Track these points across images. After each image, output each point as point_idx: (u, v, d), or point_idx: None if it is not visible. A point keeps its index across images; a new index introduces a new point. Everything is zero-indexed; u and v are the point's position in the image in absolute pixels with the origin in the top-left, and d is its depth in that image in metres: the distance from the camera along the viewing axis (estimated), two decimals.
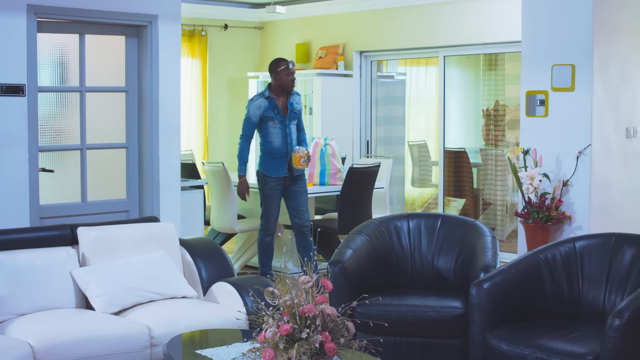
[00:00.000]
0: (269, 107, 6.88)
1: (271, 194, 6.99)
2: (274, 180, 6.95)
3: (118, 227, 5.08)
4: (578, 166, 6.00)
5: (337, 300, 4.55)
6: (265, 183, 6.98)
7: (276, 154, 6.93)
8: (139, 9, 6.35)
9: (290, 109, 6.96)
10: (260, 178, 7.02)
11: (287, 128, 6.93)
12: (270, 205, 7.01)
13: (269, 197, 7.00)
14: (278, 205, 7.06)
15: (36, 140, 5.93)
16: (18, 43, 5.77)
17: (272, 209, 7.02)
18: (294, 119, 7.01)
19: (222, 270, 5.12)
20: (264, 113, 6.88)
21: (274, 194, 6.99)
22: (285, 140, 6.93)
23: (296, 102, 7.03)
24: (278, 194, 7.01)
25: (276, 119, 6.90)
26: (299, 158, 6.90)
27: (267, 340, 3.32)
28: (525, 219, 6.08)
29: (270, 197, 7.00)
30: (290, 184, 7.03)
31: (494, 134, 9.45)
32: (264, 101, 6.89)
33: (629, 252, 4.46)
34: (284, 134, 6.92)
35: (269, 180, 6.95)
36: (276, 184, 6.97)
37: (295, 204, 7.06)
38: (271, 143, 6.93)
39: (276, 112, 6.89)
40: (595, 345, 3.93)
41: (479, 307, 4.36)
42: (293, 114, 6.99)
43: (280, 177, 6.95)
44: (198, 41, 10.34)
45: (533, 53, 6.25)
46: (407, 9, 9.23)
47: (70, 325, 4.30)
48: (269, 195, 6.99)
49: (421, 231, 5.32)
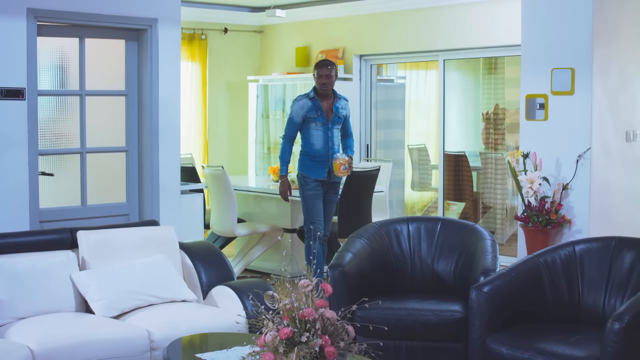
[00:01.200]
0: (313, 108, 6.80)
1: (313, 195, 6.83)
2: (314, 181, 6.82)
3: (118, 231, 5.08)
4: (578, 170, 6.00)
5: (337, 303, 4.55)
6: (305, 184, 6.85)
7: (316, 157, 6.82)
8: (139, 13, 6.35)
9: (334, 113, 6.85)
10: (300, 180, 6.90)
11: (329, 131, 6.83)
12: (312, 206, 6.83)
13: (310, 198, 6.83)
14: (321, 208, 6.87)
15: (36, 143, 5.93)
16: (18, 47, 5.78)
17: (316, 211, 6.83)
18: (337, 124, 6.89)
19: (221, 274, 5.12)
20: (307, 114, 6.78)
21: (316, 194, 6.84)
22: (327, 144, 6.81)
23: (342, 107, 6.93)
24: (319, 195, 6.85)
25: (319, 121, 6.80)
26: (339, 165, 6.78)
27: (267, 344, 3.32)
28: (525, 222, 6.07)
29: (311, 197, 6.83)
30: (326, 191, 6.91)
31: (494, 137, 9.46)
32: (307, 102, 6.81)
33: (629, 255, 4.46)
34: (326, 137, 6.81)
35: (309, 181, 6.83)
36: (316, 185, 6.83)
37: (325, 214, 6.92)
38: (312, 145, 6.83)
39: (319, 114, 6.79)
40: (595, 348, 3.93)
41: (479, 311, 4.36)
42: (337, 118, 6.87)
43: (319, 180, 6.83)
44: (198, 45, 10.34)
45: (533, 57, 6.26)
46: (407, 13, 9.24)
47: (70, 329, 4.29)
48: (310, 196, 6.83)
49: (421, 235, 5.32)
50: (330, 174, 6.84)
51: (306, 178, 6.84)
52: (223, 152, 10.70)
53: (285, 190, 6.93)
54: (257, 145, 10.52)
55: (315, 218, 6.82)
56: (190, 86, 10.34)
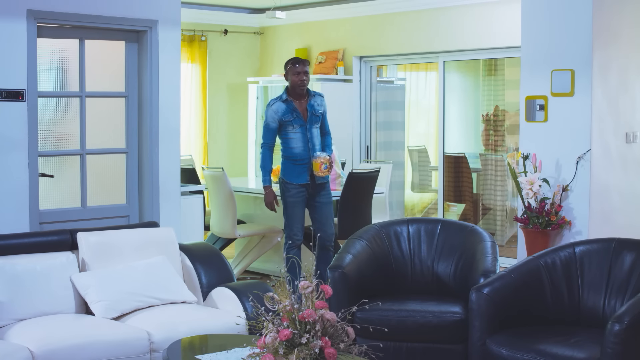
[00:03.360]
0: (287, 110, 6.54)
1: (293, 202, 6.61)
2: (296, 187, 6.60)
3: (118, 232, 5.08)
4: (578, 171, 6.00)
5: (337, 305, 4.55)
6: (286, 190, 6.63)
7: (297, 160, 6.59)
8: (139, 14, 6.35)
9: (310, 112, 6.58)
10: (282, 185, 6.68)
11: (308, 132, 6.58)
12: (292, 213, 6.62)
13: (291, 205, 6.62)
14: (302, 214, 6.66)
15: (36, 145, 5.92)
16: (18, 48, 5.78)
17: (295, 217, 6.62)
18: (316, 122, 6.63)
19: (221, 276, 5.12)
20: (282, 117, 6.52)
21: (297, 201, 6.61)
22: (307, 145, 6.57)
23: (317, 103, 6.64)
24: (301, 202, 6.63)
25: (296, 123, 6.54)
26: (320, 164, 6.53)
27: (267, 346, 3.31)
28: (525, 224, 6.07)
29: (292, 205, 6.62)
30: (313, 194, 6.66)
31: (494, 139, 9.46)
32: (281, 105, 6.55)
33: (629, 257, 4.46)
34: (305, 139, 6.57)
35: (291, 187, 6.60)
36: (298, 192, 6.61)
37: (319, 216, 6.69)
38: (292, 149, 6.59)
39: (295, 116, 6.54)
40: (596, 350, 3.93)
41: (479, 312, 4.36)
42: (315, 117, 6.61)
43: (303, 184, 6.60)
44: (198, 46, 10.34)
45: (533, 58, 6.26)
46: (407, 14, 9.24)
47: (70, 331, 4.29)
48: (290, 203, 6.62)
49: (421, 236, 5.32)
50: (314, 176, 6.60)
51: (288, 184, 6.63)
52: (223, 154, 10.71)
53: (271, 201, 6.69)
54: (257, 146, 10.51)
55: (294, 225, 6.61)
56: (190, 88, 10.34)
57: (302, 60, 6.60)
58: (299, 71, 6.53)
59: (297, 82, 6.53)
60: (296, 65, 6.55)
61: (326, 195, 6.71)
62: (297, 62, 6.57)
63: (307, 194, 6.64)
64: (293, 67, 6.55)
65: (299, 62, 6.57)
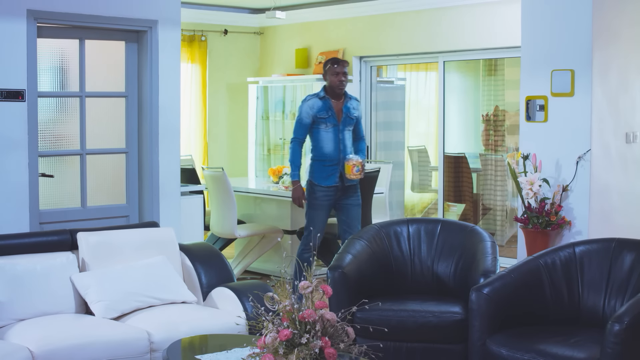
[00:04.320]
0: (323, 108, 6.42)
1: (318, 205, 6.44)
2: (324, 189, 6.43)
3: (118, 232, 5.08)
4: (578, 171, 6.00)
5: (337, 305, 4.55)
6: (313, 192, 6.46)
7: (327, 161, 6.43)
8: (139, 15, 6.35)
9: (345, 114, 6.47)
10: (309, 187, 6.50)
11: (340, 133, 6.44)
12: (315, 216, 6.45)
13: (315, 208, 6.45)
14: (324, 219, 6.48)
15: (36, 145, 5.93)
16: (18, 48, 5.78)
17: (317, 221, 6.44)
18: (349, 125, 6.50)
19: (221, 276, 5.12)
20: (317, 114, 6.40)
21: (322, 204, 6.45)
22: (338, 146, 6.43)
23: (354, 107, 6.53)
24: (326, 206, 6.47)
25: (329, 122, 6.42)
26: (352, 167, 6.34)
27: (267, 346, 3.32)
28: (525, 224, 6.07)
29: (316, 207, 6.45)
30: (342, 196, 6.49)
31: (494, 139, 9.46)
32: (317, 101, 6.44)
33: (629, 257, 4.46)
34: (337, 140, 6.43)
35: (318, 190, 6.43)
36: (325, 194, 6.44)
37: (348, 218, 6.54)
38: (322, 148, 6.45)
39: (330, 115, 6.42)
40: (595, 350, 3.93)
41: (479, 313, 4.36)
42: (349, 119, 6.48)
43: (331, 186, 6.44)
44: (198, 46, 10.35)
45: (533, 58, 6.26)
46: (407, 15, 9.24)
47: (70, 331, 4.29)
48: (315, 205, 6.45)
49: (421, 236, 5.32)
50: (343, 178, 6.44)
51: (315, 186, 6.46)
52: (223, 154, 10.71)
53: (298, 196, 6.53)
54: (257, 146, 10.52)
55: (315, 228, 6.43)
56: (190, 88, 10.35)
57: (341, 61, 6.50)
58: (338, 71, 6.44)
59: (335, 83, 6.45)
60: (335, 66, 6.45)
61: (355, 198, 6.57)
62: (336, 62, 6.48)
63: (334, 197, 6.49)
64: (332, 68, 6.46)
65: (338, 63, 6.47)
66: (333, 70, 6.45)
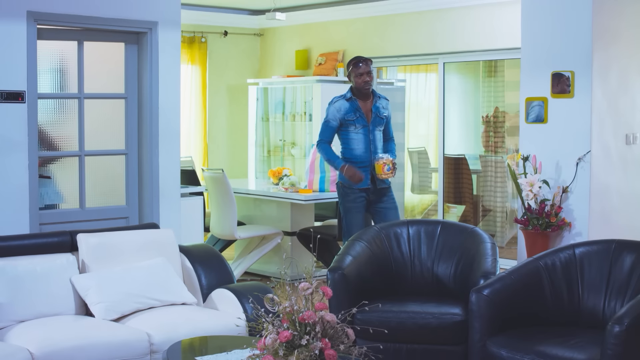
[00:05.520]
0: (351, 109, 6.23)
1: (353, 207, 6.22)
2: (356, 192, 6.21)
3: (118, 234, 5.08)
4: (578, 173, 6.00)
5: (337, 306, 4.55)
6: (345, 195, 6.24)
7: (358, 163, 6.21)
8: (139, 16, 6.35)
9: (375, 114, 6.27)
10: (340, 191, 6.30)
11: (370, 134, 6.25)
12: (352, 220, 6.21)
13: (350, 211, 6.24)
14: (361, 222, 6.23)
15: (36, 146, 5.93)
16: (18, 50, 5.78)
17: (355, 225, 6.17)
18: (379, 125, 6.29)
19: (221, 277, 5.12)
20: (344, 116, 6.21)
21: (356, 207, 6.22)
22: (369, 147, 6.23)
23: (383, 106, 6.33)
24: (361, 208, 6.24)
25: (358, 124, 6.23)
26: (383, 165, 6.15)
27: (267, 347, 3.31)
28: (525, 225, 6.07)
29: (351, 210, 6.23)
30: (375, 199, 6.29)
31: (494, 140, 9.46)
32: (345, 103, 6.24)
33: (629, 258, 4.46)
34: (367, 141, 6.24)
35: (350, 193, 6.22)
36: (358, 197, 6.22)
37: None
38: (352, 150, 6.25)
39: (358, 116, 6.23)
40: (595, 351, 3.93)
41: (479, 314, 4.36)
42: (378, 119, 6.29)
43: (363, 189, 6.23)
44: (198, 48, 10.35)
45: (532, 59, 6.25)
46: (407, 16, 9.25)
47: (69, 332, 4.29)
48: (350, 208, 6.23)
49: (421, 238, 5.32)
50: (375, 181, 6.25)
51: (347, 188, 6.25)
52: (223, 155, 10.71)
53: (354, 172, 6.13)
54: (257, 148, 10.52)
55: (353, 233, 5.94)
56: (190, 89, 10.35)
57: (364, 60, 6.28)
58: (362, 72, 6.23)
59: (360, 84, 6.25)
60: (359, 66, 6.24)
61: (390, 201, 6.34)
62: (359, 61, 6.27)
63: (367, 200, 6.28)
64: (355, 68, 6.25)
65: (361, 62, 6.26)
66: (356, 71, 6.24)
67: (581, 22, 5.95)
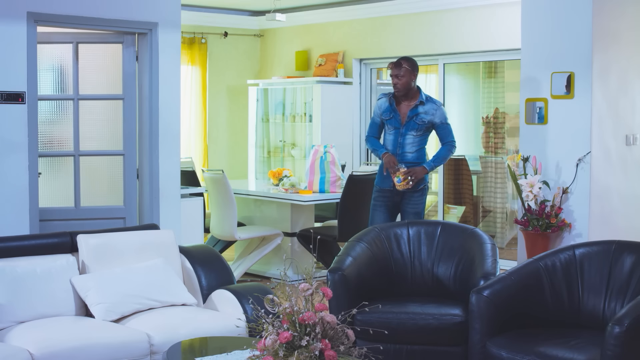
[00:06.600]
0: (388, 109, 6.15)
1: (375, 205, 6.22)
2: (379, 190, 6.22)
3: (118, 235, 5.08)
4: (578, 173, 6.00)
5: (337, 307, 4.55)
6: (373, 192, 6.28)
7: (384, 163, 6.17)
8: (139, 17, 6.36)
9: (411, 117, 6.10)
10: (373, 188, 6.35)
11: (401, 137, 6.12)
12: (372, 218, 6.22)
13: (372, 208, 6.24)
14: (381, 220, 6.15)
15: (36, 147, 5.94)
16: (18, 51, 5.78)
17: (374, 222, 6.16)
18: (413, 129, 6.09)
19: (222, 278, 5.12)
20: (382, 115, 6.18)
21: (379, 205, 6.20)
22: (396, 150, 6.14)
23: (425, 112, 6.10)
24: (381, 207, 6.20)
25: (390, 124, 6.15)
26: (394, 177, 6.05)
27: (267, 348, 3.31)
28: (525, 226, 6.07)
29: (374, 207, 6.22)
30: (400, 201, 6.20)
31: (494, 141, 9.46)
32: (385, 102, 6.19)
33: (629, 259, 4.46)
34: (396, 143, 6.14)
35: (375, 190, 6.25)
36: (380, 195, 6.20)
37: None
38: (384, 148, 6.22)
39: (392, 117, 6.14)
40: (595, 352, 3.92)
41: (479, 315, 4.36)
42: (414, 124, 6.09)
43: (386, 189, 6.18)
44: (198, 49, 10.35)
45: (533, 60, 6.26)
46: (407, 17, 9.25)
47: (69, 333, 4.29)
48: (373, 206, 6.24)
49: (421, 239, 5.32)
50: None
51: (374, 185, 6.30)
52: (223, 156, 10.71)
53: (390, 160, 6.04)
54: (257, 149, 10.53)
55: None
56: (190, 90, 10.35)
57: (393, 63, 6.17)
58: (391, 75, 6.16)
59: (393, 86, 6.17)
60: (390, 68, 6.18)
61: (411, 204, 6.18)
62: (391, 64, 6.18)
63: (392, 200, 6.20)
64: (389, 70, 6.19)
65: (391, 65, 6.17)
66: (389, 74, 6.20)
67: (581, 23, 5.95)
